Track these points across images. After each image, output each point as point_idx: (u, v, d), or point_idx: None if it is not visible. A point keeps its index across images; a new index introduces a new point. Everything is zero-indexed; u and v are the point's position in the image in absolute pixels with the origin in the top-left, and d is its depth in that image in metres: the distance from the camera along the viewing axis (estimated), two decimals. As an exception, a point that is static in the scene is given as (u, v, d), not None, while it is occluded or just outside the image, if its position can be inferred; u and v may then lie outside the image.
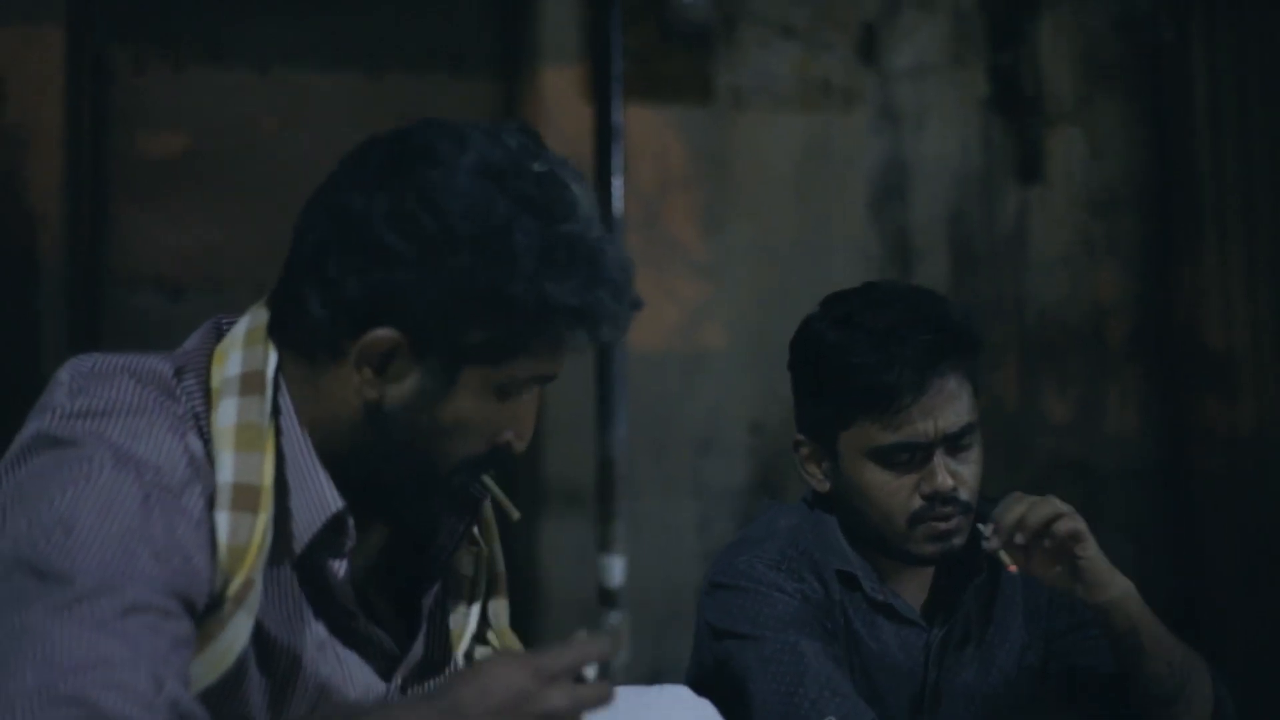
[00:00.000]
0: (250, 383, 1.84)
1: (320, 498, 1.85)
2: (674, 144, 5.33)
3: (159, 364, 1.85)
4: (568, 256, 1.80)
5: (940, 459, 2.60)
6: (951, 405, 2.59)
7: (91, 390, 1.80)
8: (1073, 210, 5.71)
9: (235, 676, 1.81)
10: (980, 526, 2.60)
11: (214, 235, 4.98)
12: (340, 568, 1.88)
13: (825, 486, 2.72)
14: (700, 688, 2.57)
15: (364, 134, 1.94)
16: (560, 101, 5.15)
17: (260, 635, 1.84)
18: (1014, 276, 5.60)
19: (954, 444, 2.62)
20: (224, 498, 1.79)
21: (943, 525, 2.61)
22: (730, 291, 5.36)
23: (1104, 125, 5.75)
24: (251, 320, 1.90)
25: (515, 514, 2.05)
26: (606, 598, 4.66)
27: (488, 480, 1.98)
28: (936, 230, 5.58)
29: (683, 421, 5.28)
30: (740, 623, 2.66)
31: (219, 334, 1.91)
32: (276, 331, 1.88)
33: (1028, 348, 5.63)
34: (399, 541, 2.02)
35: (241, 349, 1.87)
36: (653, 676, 5.00)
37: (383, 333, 1.81)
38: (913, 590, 2.76)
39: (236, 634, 1.78)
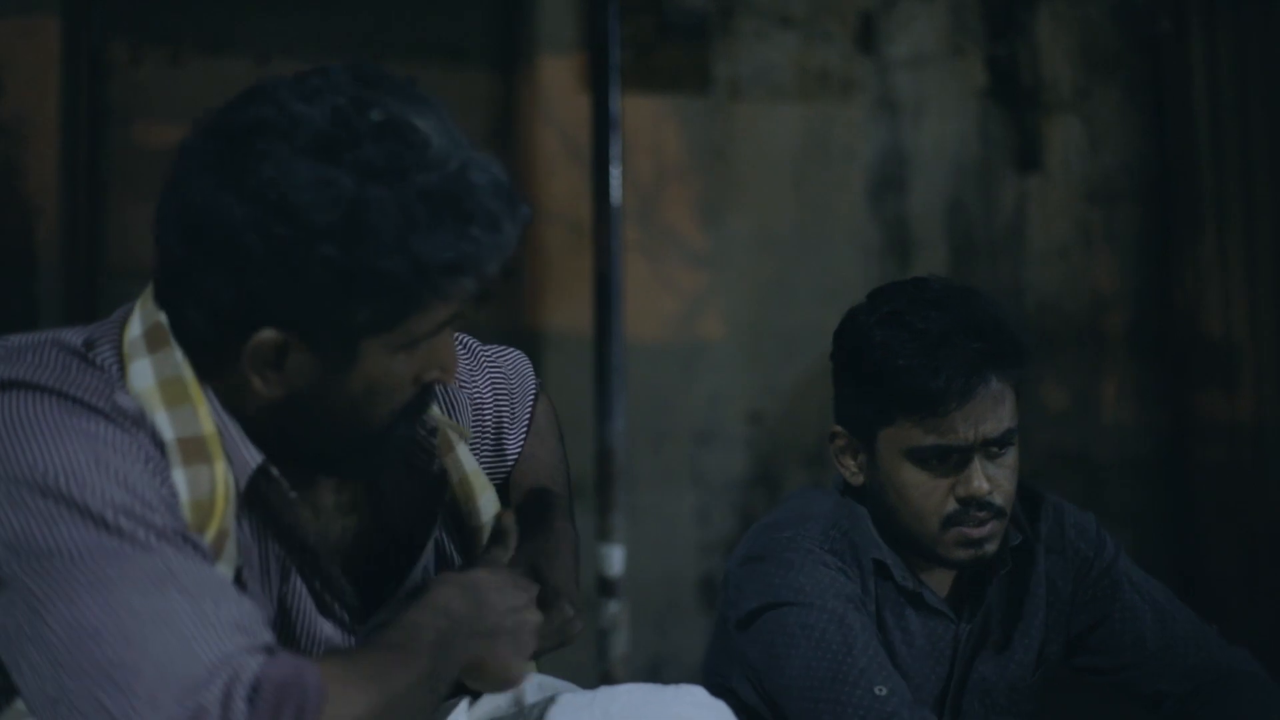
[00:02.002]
0: (155, 338, 1.83)
1: (240, 459, 1.83)
2: (672, 134, 5.33)
3: (70, 336, 1.84)
4: (429, 211, 1.74)
5: (978, 463, 2.59)
6: (994, 411, 2.59)
7: (15, 359, 1.77)
8: (1071, 201, 5.70)
9: None
10: None
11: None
12: (288, 512, 1.88)
13: (859, 480, 2.70)
14: (719, 674, 2.58)
15: None
16: (558, 92, 5.15)
17: (242, 590, 1.84)
18: (1012, 267, 5.59)
19: (992, 449, 2.61)
20: (174, 456, 1.77)
21: (975, 532, 2.60)
22: (729, 282, 5.35)
23: (1102, 115, 5.75)
24: (143, 294, 1.89)
25: (467, 433, 2.10)
26: (605, 587, 4.65)
27: (437, 413, 2.01)
28: (935, 220, 5.58)
29: (681, 412, 5.28)
30: (783, 592, 2.64)
31: (127, 312, 1.90)
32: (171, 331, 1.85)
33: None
34: (375, 533, 2.03)
35: (139, 313, 1.86)
36: (652, 666, 5.01)
37: (267, 335, 1.77)
38: (938, 581, 2.75)
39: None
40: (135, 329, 1.84)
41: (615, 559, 4.66)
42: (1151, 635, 2.81)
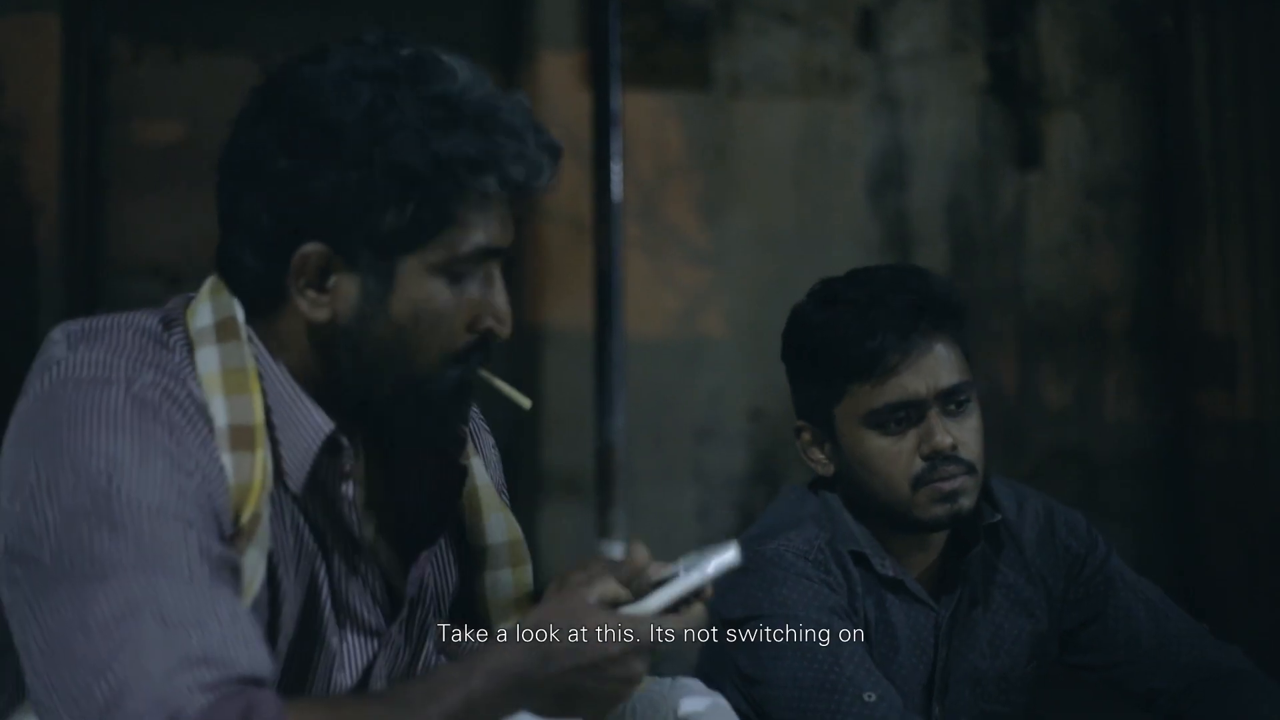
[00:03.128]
0: (225, 329, 1.86)
1: (312, 424, 1.86)
2: (673, 131, 5.33)
3: (147, 319, 1.87)
4: (448, 113, 1.81)
5: (937, 419, 2.61)
6: (941, 364, 2.61)
7: (91, 342, 1.82)
8: (1071, 197, 5.70)
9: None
10: None
11: (211, 224, 4.91)
12: (348, 489, 1.90)
13: (829, 469, 2.72)
14: (711, 680, 2.58)
15: None
16: (559, 88, 5.15)
17: (273, 576, 1.85)
18: (1013, 264, 5.59)
19: (948, 402, 2.62)
20: (223, 441, 1.80)
21: (946, 485, 2.61)
22: (729, 278, 5.36)
23: (1103, 112, 5.75)
24: (210, 283, 1.91)
25: (526, 401, 2.01)
26: (606, 585, 4.65)
27: (485, 374, 1.95)
28: (935, 217, 5.58)
29: (682, 409, 5.28)
30: (766, 604, 2.65)
31: (187, 300, 1.92)
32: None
33: (1026, 335, 5.63)
34: (397, 511, 2.02)
35: (208, 302, 1.89)
36: (651, 660, 5.01)
37: (307, 248, 1.82)
38: (919, 571, 2.76)
39: (254, 572, 1.79)
40: (205, 318, 1.87)
41: (615, 555, 4.67)
42: (1145, 633, 2.82)
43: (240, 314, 1.86)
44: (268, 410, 1.85)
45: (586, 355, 4.86)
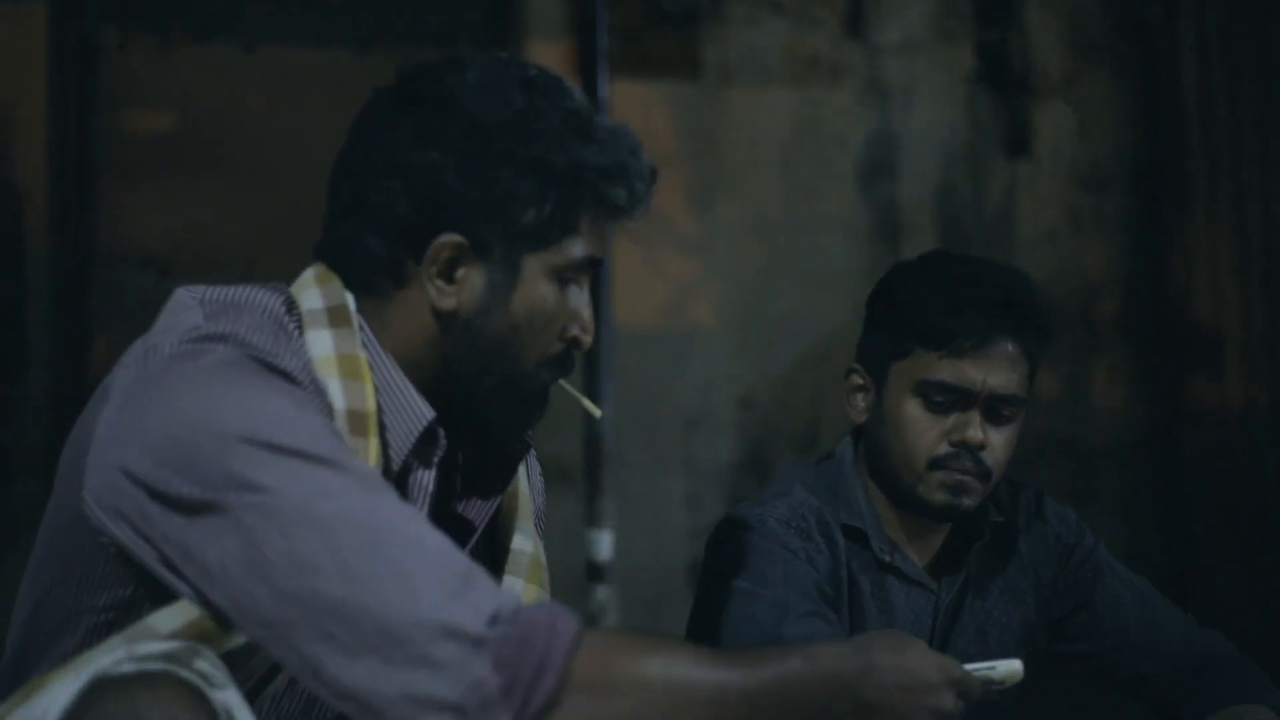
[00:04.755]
0: (337, 316, 1.91)
1: (415, 412, 1.92)
2: (662, 120, 5.33)
3: (271, 298, 1.91)
4: (584, 125, 1.93)
5: (978, 415, 2.64)
6: (1006, 369, 2.64)
7: (224, 317, 1.84)
8: (1060, 186, 5.71)
9: None
10: None
11: (201, 213, 4.96)
12: (429, 479, 1.96)
13: (863, 418, 2.75)
14: (698, 640, 2.60)
15: (350, 112, 1.98)
16: (547, 78, 5.15)
17: None
18: (1002, 252, 5.59)
19: (996, 409, 2.65)
20: (340, 424, 1.84)
21: (959, 477, 2.64)
22: (719, 268, 5.36)
23: (1092, 101, 5.75)
24: (316, 270, 1.96)
25: (597, 411, 2.14)
26: (595, 573, 4.65)
27: (564, 384, 2.06)
28: (924, 206, 5.58)
29: (672, 398, 5.29)
30: (741, 574, 2.67)
31: (277, 287, 1.95)
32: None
33: (1016, 323, 5.63)
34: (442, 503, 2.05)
35: (316, 287, 1.94)
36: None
37: (446, 238, 1.90)
38: (920, 552, 2.77)
39: None
40: (315, 301, 1.92)
41: (604, 544, 4.68)
42: (1134, 621, 2.84)
43: (352, 303, 1.92)
44: (377, 398, 1.90)
45: (576, 345, 4.86)
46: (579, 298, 1.99)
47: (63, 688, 1.66)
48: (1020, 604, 2.82)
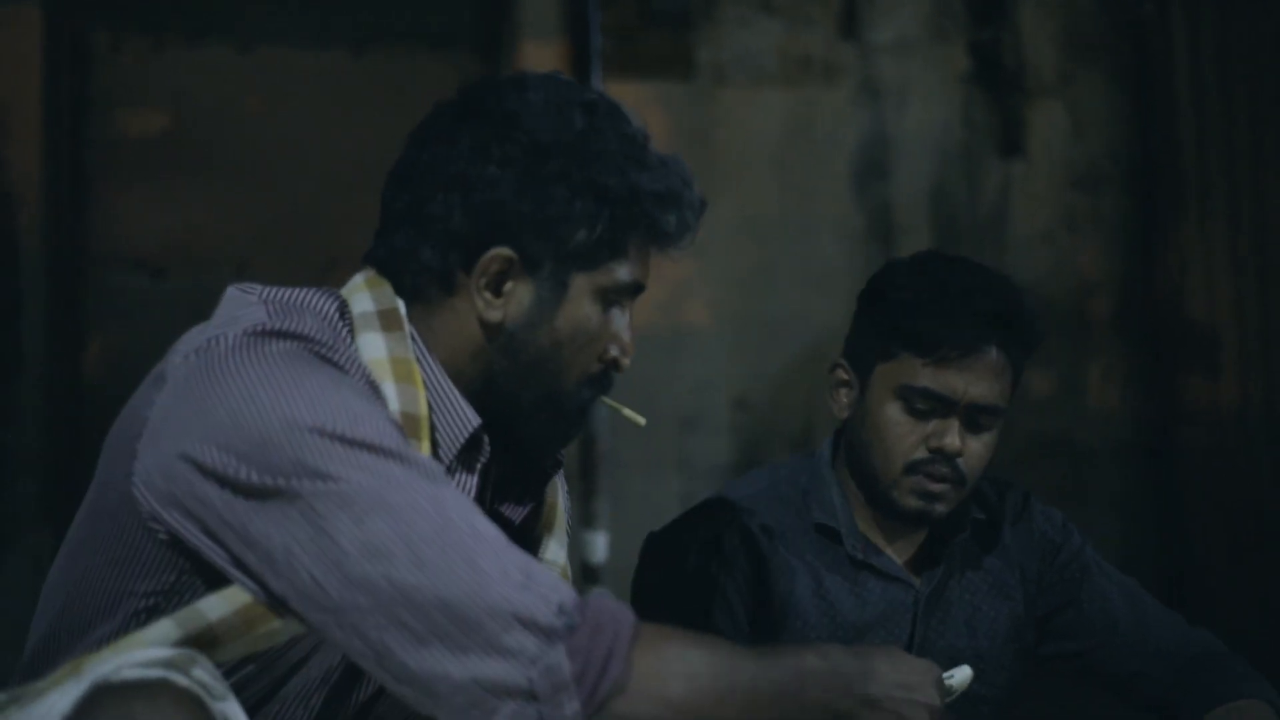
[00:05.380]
0: (389, 320, 1.95)
1: (462, 418, 1.95)
2: (655, 120, 5.30)
3: (326, 302, 1.95)
4: (639, 151, 1.98)
5: (957, 423, 2.65)
6: (990, 379, 2.65)
7: (287, 317, 1.85)
8: (1054, 185, 5.71)
9: None
10: None
11: (195, 215, 4.96)
12: (471, 484, 1.99)
13: (845, 414, 2.78)
14: None
15: (346, 112, 2.00)
16: (541, 79, 5.15)
17: None
18: (996, 252, 5.59)
19: (975, 418, 2.67)
20: None
21: (932, 485, 2.67)
22: (713, 268, 5.36)
23: (1085, 100, 5.75)
24: (367, 275, 1.99)
25: (641, 420, 2.19)
26: (589, 573, 4.66)
27: (607, 399, 2.12)
28: (918, 206, 5.58)
29: (666, 398, 5.28)
30: (654, 600, 2.74)
31: (330, 291, 1.98)
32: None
33: (1010, 323, 5.63)
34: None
35: (367, 291, 1.97)
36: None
37: (497, 251, 1.94)
38: (900, 548, 2.79)
39: None
40: (366, 305, 1.96)
41: (599, 545, 4.69)
42: (1123, 617, 2.85)
43: (403, 308, 1.96)
44: (428, 401, 1.93)
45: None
46: (621, 321, 2.05)
47: (63, 693, 1.67)
48: (1008, 599, 2.84)
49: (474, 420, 1.96)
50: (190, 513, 1.75)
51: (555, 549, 2.20)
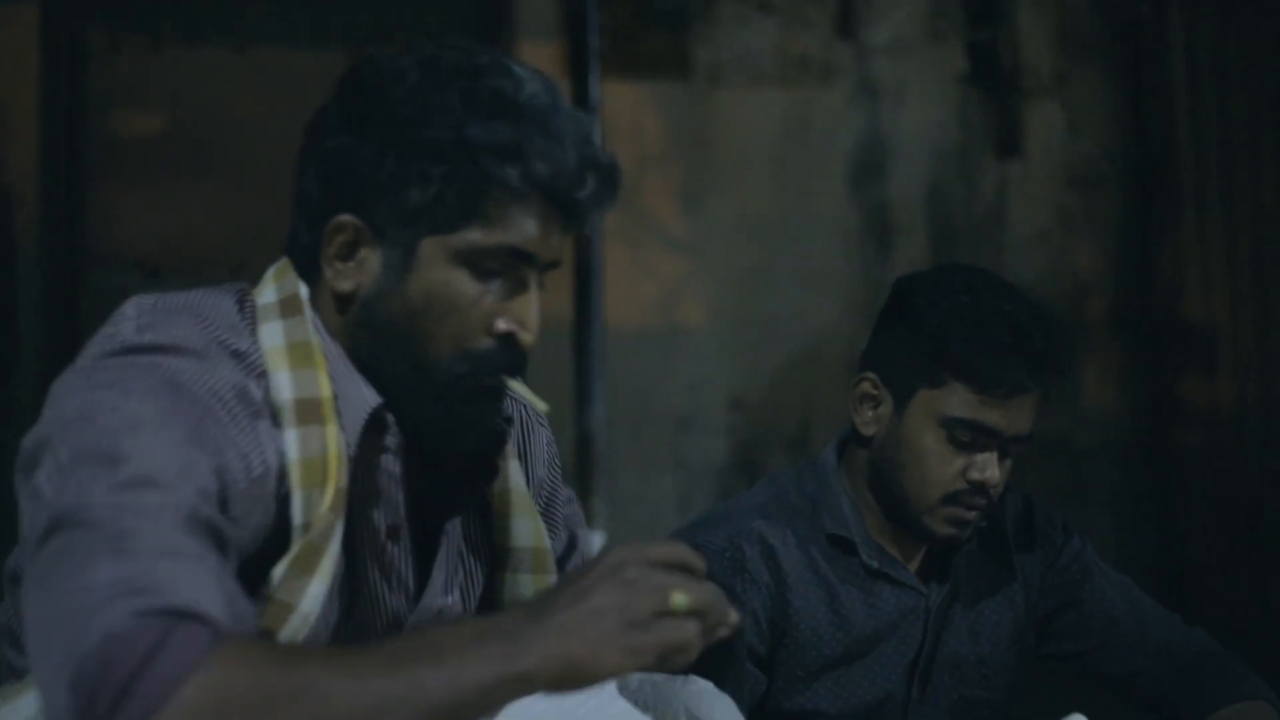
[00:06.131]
0: (289, 306, 1.89)
1: (360, 398, 1.88)
2: (652, 120, 5.33)
3: (222, 299, 1.89)
4: (492, 103, 1.84)
5: (995, 455, 2.64)
6: (1030, 413, 2.66)
7: (158, 327, 1.81)
8: (1051, 186, 5.71)
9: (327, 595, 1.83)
10: None
11: (192, 215, 4.96)
12: (394, 464, 1.92)
13: (871, 430, 2.73)
14: None
15: None
16: (538, 78, 5.15)
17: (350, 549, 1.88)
18: (993, 252, 5.60)
19: (1009, 447, 2.67)
20: (288, 416, 1.82)
21: (967, 514, 2.66)
22: (709, 268, 5.36)
23: (1082, 100, 5.75)
24: (279, 264, 1.95)
25: (542, 405, 1.97)
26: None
27: (513, 383, 1.92)
28: (915, 206, 5.59)
29: (662, 398, 5.29)
30: None
31: (232, 287, 1.95)
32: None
33: (1007, 323, 5.64)
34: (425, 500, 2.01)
35: (273, 282, 1.93)
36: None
37: (340, 218, 1.87)
38: (909, 556, 2.79)
39: (338, 544, 1.82)
40: (270, 295, 1.91)
41: (595, 545, 4.68)
42: (1123, 617, 2.86)
43: (305, 292, 1.90)
44: (333, 385, 1.87)
45: (566, 345, 4.87)
46: (515, 292, 1.89)
47: (31, 700, 1.67)
48: (1010, 604, 2.84)
49: (372, 399, 1.88)
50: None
51: (520, 535, 2.07)
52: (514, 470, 2.08)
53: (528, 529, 2.07)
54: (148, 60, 5.08)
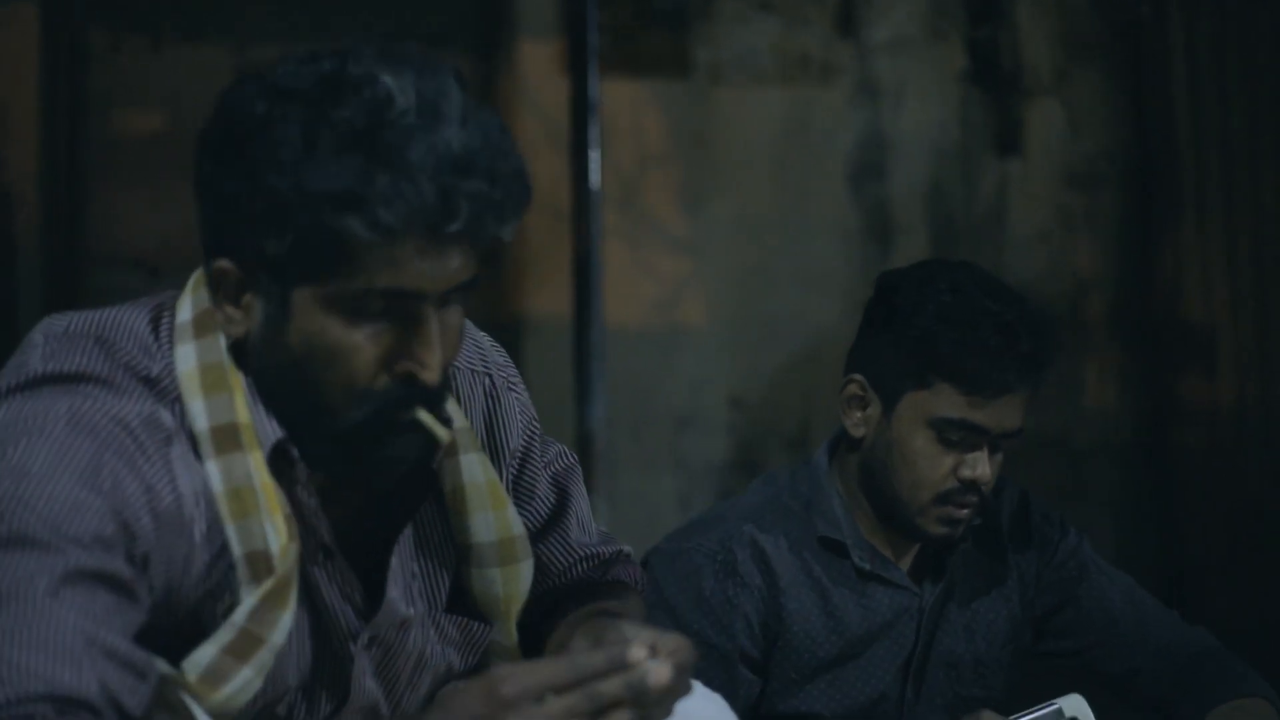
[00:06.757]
0: (203, 324, 1.81)
1: (265, 431, 1.79)
2: (652, 119, 5.33)
3: (135, 319, 1.83)
4: (335, 139, 1.65)
5: (986, 452, 2.65)
6: (1019, 410, 2.67)
7: (63, 355, 1.78)
8: (1051, 185, 5.71)
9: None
10: None
11: (192, 215, 4.94)
12: (305, 495, 1.83)
13: (860, 432, 2.73)
14: None
15: None
16: (537, 76, 5.15)
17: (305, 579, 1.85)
18: (993, 251, 5.59)
19: (998, 442, 2.68)
20: (207, 446, 1.76)
21: (959, 513, 2.66)
22: (709, 267, 5.36)
23: (1082, 99, 5.75)
24: (195, 275, 1.86)
25: (442, 433, 1.81)
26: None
27: (420, 415, 1.77)
28: (915, 205, 5.58)
29: (662, 397, 5.29)
30: (660, 601, 2.68)
31: (149, 302, 1.90)
32: None
33: (1007, 322, 5.63)
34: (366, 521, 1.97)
35: (189, 296, 1.84)
36: None
37: (219, 264, 1.76)
38: (902, 556, 2.79)
39: (290, 574, 1.79)
40: (186, 312, 1.83)
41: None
42: (1122, 615, 2.86)
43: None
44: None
45: (566, 344, 4.87)
46: (409, 330, 1.73)
47: None
48: (1006, 602, 2.84)
49: (274, 434, 1.78)
50: None
51: (478, 529, 1.98)
52: (468, 464, 1.98)
53: (487, 523, 1.99)
54: (148, 60, 5.08)
